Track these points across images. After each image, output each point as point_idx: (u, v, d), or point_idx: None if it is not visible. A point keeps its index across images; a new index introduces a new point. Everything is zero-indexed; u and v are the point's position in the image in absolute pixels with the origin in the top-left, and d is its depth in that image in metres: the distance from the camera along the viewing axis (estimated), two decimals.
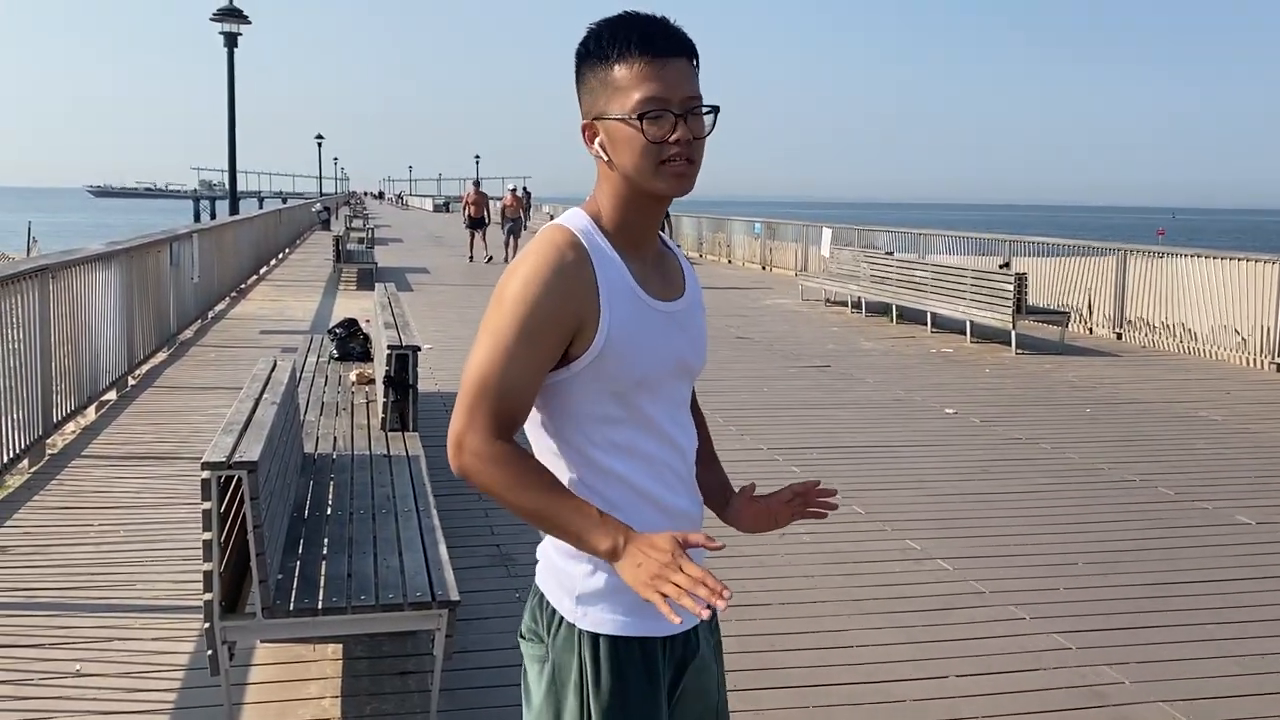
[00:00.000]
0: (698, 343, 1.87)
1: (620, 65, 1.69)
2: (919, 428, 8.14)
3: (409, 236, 37.30)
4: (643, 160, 1.69)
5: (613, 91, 1.70)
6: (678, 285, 1.86)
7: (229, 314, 14.46)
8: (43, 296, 6.94)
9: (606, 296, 1.70)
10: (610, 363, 1.71)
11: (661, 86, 1.68)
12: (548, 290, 1.67)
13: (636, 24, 1.71)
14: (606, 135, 1.72)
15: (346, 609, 3.38)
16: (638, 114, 1.68)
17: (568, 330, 1.68)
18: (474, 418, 1.68)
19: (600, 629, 1.75)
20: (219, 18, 20.84)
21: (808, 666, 3.99)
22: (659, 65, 1.68)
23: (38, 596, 4.50)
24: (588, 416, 1.74)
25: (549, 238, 1.73)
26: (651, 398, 1.76)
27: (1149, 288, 13.36)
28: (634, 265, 1.77)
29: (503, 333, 1.67)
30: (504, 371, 1.67)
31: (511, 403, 1.68)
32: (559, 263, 1.68)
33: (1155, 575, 5.01)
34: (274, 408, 3.98)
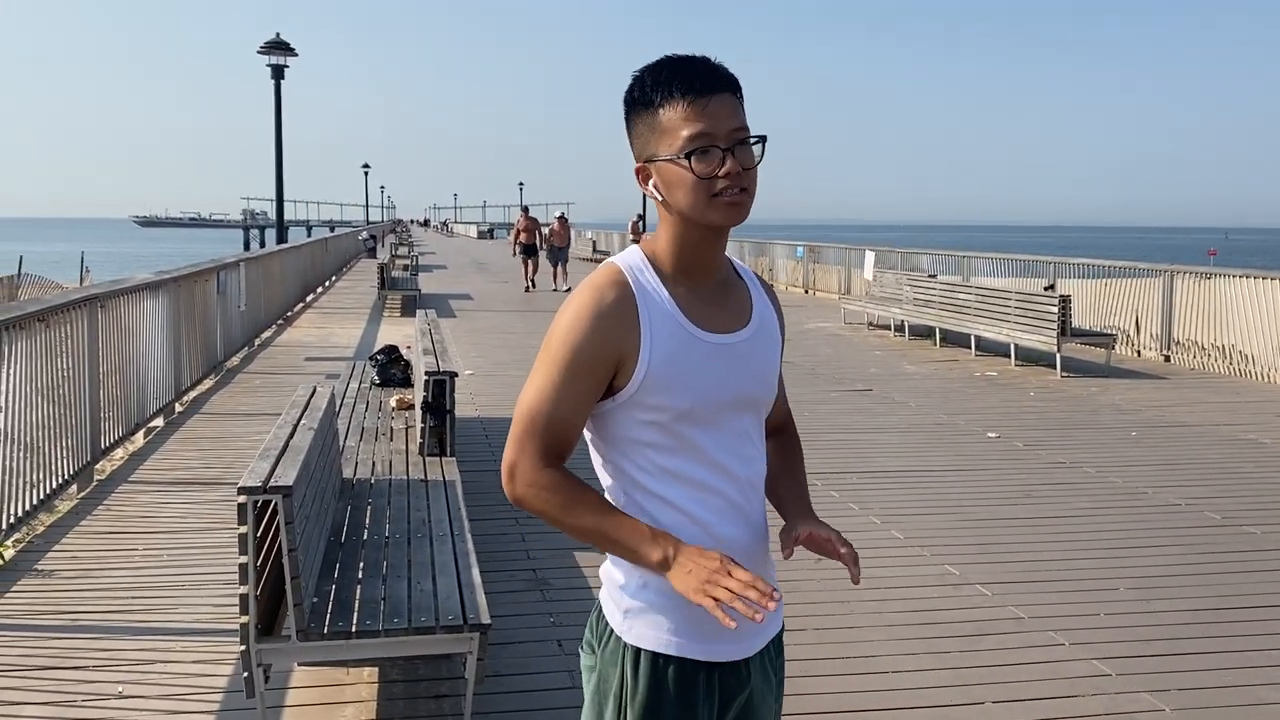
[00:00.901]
0: (762, 373, 1.89)
1: (665, 108, 1.76)
2: (960, 451, 8.07)
3: (453, 263, 37.65)
4: (695, 196, 1.75)
5: (660, 134, 1.77)
6: (742, 317, 1.89)
7: (275, 341, 14.66)
8: (92, 325, 7.10)
9: (648, 331, 1.77)
10: (652, 395, 1.77)
11: (706, 123, 1.74)
12: (588, 331, 1.77)
13: (677, 66, 1.77)
14: (659, 176, 1.79)
15: (379, 632, 3.42)
16: (685, 153, 1.74)
17: (609, 366, 1.77)
18: (524, 448, 1.79)
19: (643, 644, 1.81)
20: (266, 50, 21.24)
21: (844, 692, 3.97)
22: (702, 103, 1.74)
23: (82, 619, 4.58)
24: (634, 443, 1.81)
25: (594, 279, 1.83)
26: (702, 428, 1.80)
27: (1198, 309, 13.17)
28: (687, 300, 1.82)
29: (549, 371, 1.79)
30: (551, 407, 1.78)
31: (558, 435, 1.79)
32: (599, 303, 1.78)
33: (1199, 602, 4.93)
34: (311, 433, 4.04)
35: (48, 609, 4.69)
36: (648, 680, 1.80)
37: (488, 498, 6.39)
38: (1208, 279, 13.41)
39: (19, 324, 5.80)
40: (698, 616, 1.77)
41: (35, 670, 4.05)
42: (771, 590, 1.61)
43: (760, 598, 1.60)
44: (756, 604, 1.60)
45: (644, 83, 1.79)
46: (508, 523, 5.96)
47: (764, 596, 1.60)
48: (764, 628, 1.89)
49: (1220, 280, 13.23)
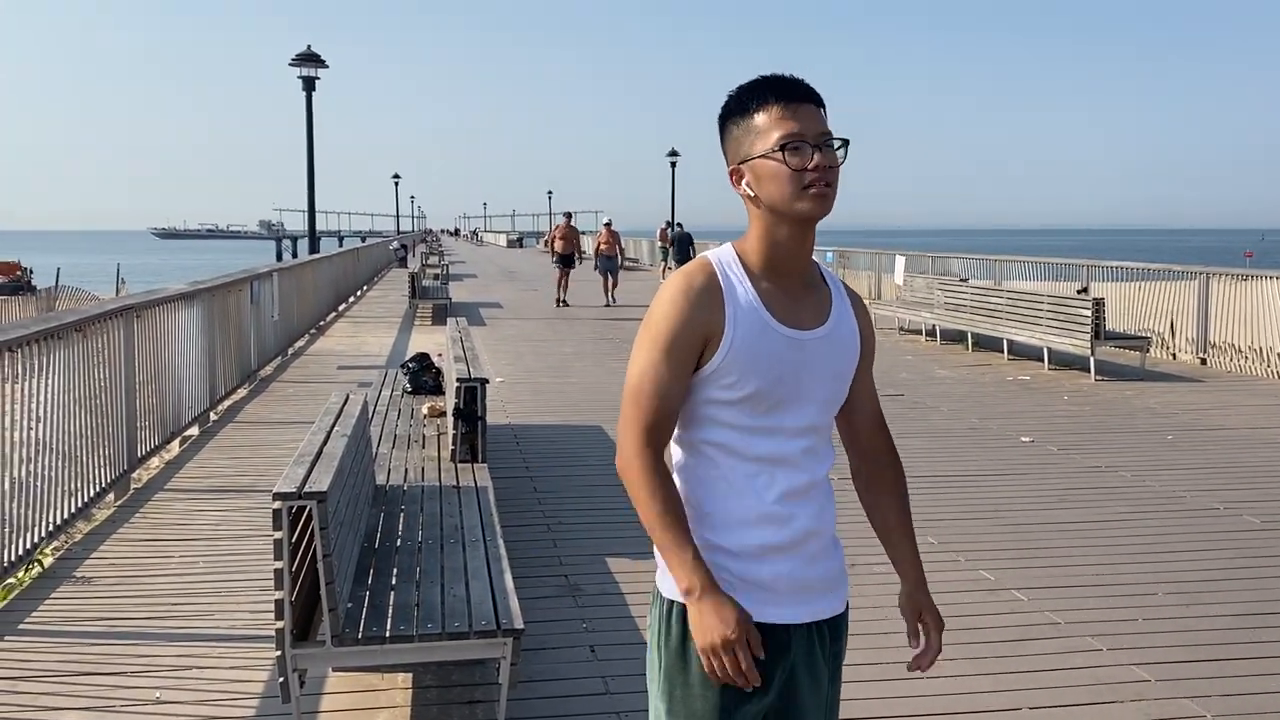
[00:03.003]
0: (835, 370, 2.04)
1: (760, 113, 1.96)
2: (994, 456, 8.01)
3: (483, 272, 37.80)
4: (788, 188, 1.93)
5: (755, 135, 1.97)
6: (820, 316, 2.04)
7: (308, 350, 14.76)
8: (128, 335, 7.17)
9: (732, 316, 1.96)
10: (728, 375, 1.95)
11: (798, 125, 1.94)
12: (677, 311, 1.96)
13: (771, 80, 1.98)
14: (752, 174, 1.98)
15: (413, 637, 3.42)
16: (779, 146, 1.93)
17: (698, 342, 1.96)
18: (630, 422, 1.98)
19: (673, 595, 1.98)
20: (298, 62, 21.41)
21: (878, 698, 3.94)
22: (794, 109, 1.95)
23: (120, 626, 4.63)
24: (707, 418, 1.99)
25: (686, 268, 2.02)
26: (769, 412, 1.97)
27: (1235, 311, 13.00)
28: (771, 293, 2.00)
29: (648, 349, 1.97)
30: (651, 382, 1.96)
31: (660, 408, 1.96)
32: (687, 287, 1.97)
33: (1240, 606, 4.86)
34: (344, 440, 4.07)
35: (86, 615, 4.74)
36: (679, 628, 1.96)
37: (519, 504, 6.41)
38: (1244, 280, 13.25)
39: (57, 334, 5.87)
40: (729, 576, 1.95)
41: (74, 676, 4.09)
42: (754, 684, 1.89)
43: (742, 684, 1.88)
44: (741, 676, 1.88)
45: (741, 96, 1.99)
46: (539, 529, 5.97)
47: (746, 683, 1.88)
48: (803, 604, 2.01)
49: (1257, 282, 13.06)
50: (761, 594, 1.96)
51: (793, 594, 1.99)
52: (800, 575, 2.00)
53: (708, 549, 1.96)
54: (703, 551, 1.94)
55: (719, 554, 1.96)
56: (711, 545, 1.97)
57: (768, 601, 1.97)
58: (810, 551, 2.01)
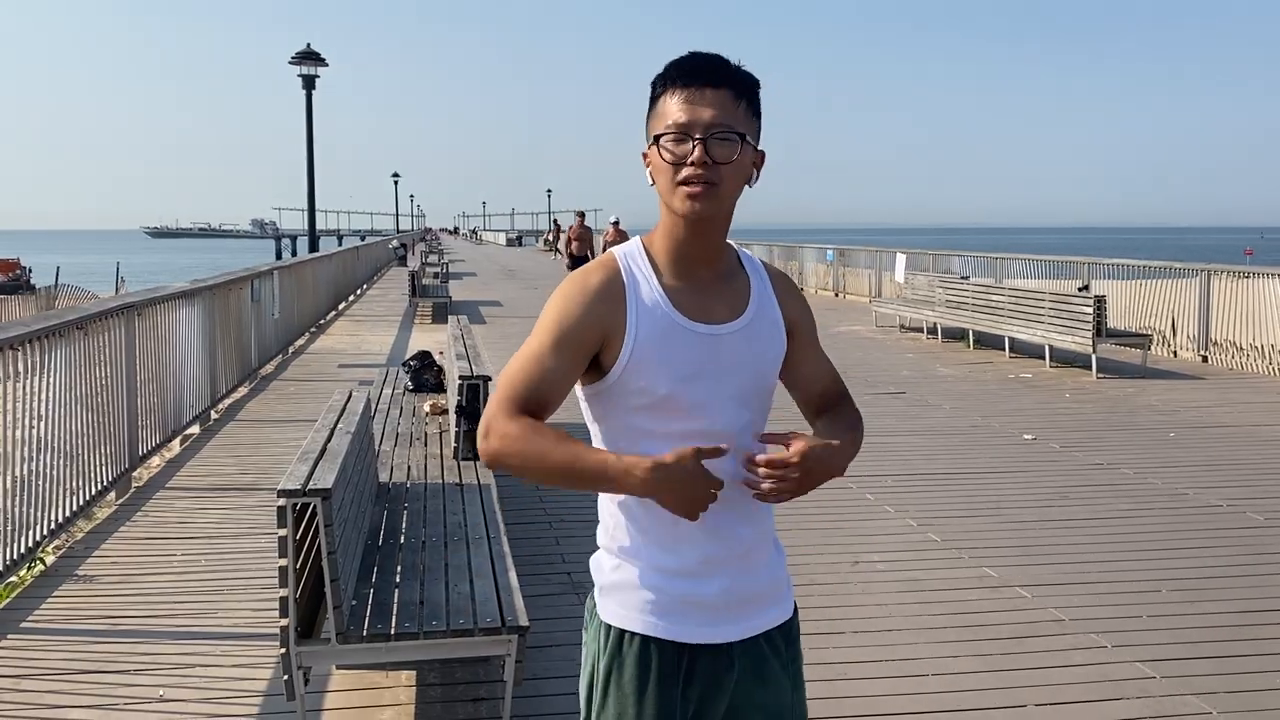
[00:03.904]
0: (755, 364, 1.90)
1: (664, 96, 1.82)
2: (996, 454, 8.00)
3: (483, 271, 37.78)
4: (666, 180, 1.81)
5: (656, 119, 1.83)
6: (736, 308, 1.89)
7: (309, 349, 14.75)
8: (129, 333, 7.16)
9: (634, 315, 1.83)
10: (636, 378, 1.82)
11: (689, 112, 1.78)
12: (573, 306, 1.83)
13: (689, 60, 1.83)
14: (651, 160, 1.85)
15: (418, 634, 3.42)
16: (658, 135, 1.80)
17: (591, 342, 1.82)
18: (500, 408, 1.81)
19: (612, 620, 1.89)
20: (298, 60, 21.40)
21: (882, 695, 3.93)
22: (695, 94, 1.78)
23: (123, 624, 4.62)
24: (626, 427, 1.86)
25: (589, 263, 1.91)
26: (687, 415, 1.83)
27: (1235, 309, 13.00)
28: (676, 289, 1.86)
29: (533, 341, 1.85)
30: (529, 373, 1.82)
31: (535, 399, 1.81)
32: (586, 283, 1.85)
33: (1243, 603, 4.86)
34: (348, 437, 4.06)
35: (88, 614, 4.73)
36: (613, 655, 1.87)
37: (522, 501, 6.39)
38: (1245, 278, 13.25)
39: (58, 332, 5.86)
40: (668, 598, 1.85)
41: (77, 675, 4.08)
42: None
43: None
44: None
45: (659, 74, 1.85)
46: (542, 526, 5.96)
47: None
48: (747, 617, 1.90)
49: (1258, 280, 13.06)
50: (706, 613, 1.86)
51: (739, 607, 1.88)
52: (745, 588, 1.89)
53: (649, 570, 1.86)
54: (644, 575, 1.85)
55: (660, 575, 1.85)
56: (654, 566, 1.86)
57: (713, 620, 1.86)
58: (754, 561, 1.90)
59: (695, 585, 1.85)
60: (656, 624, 1.86)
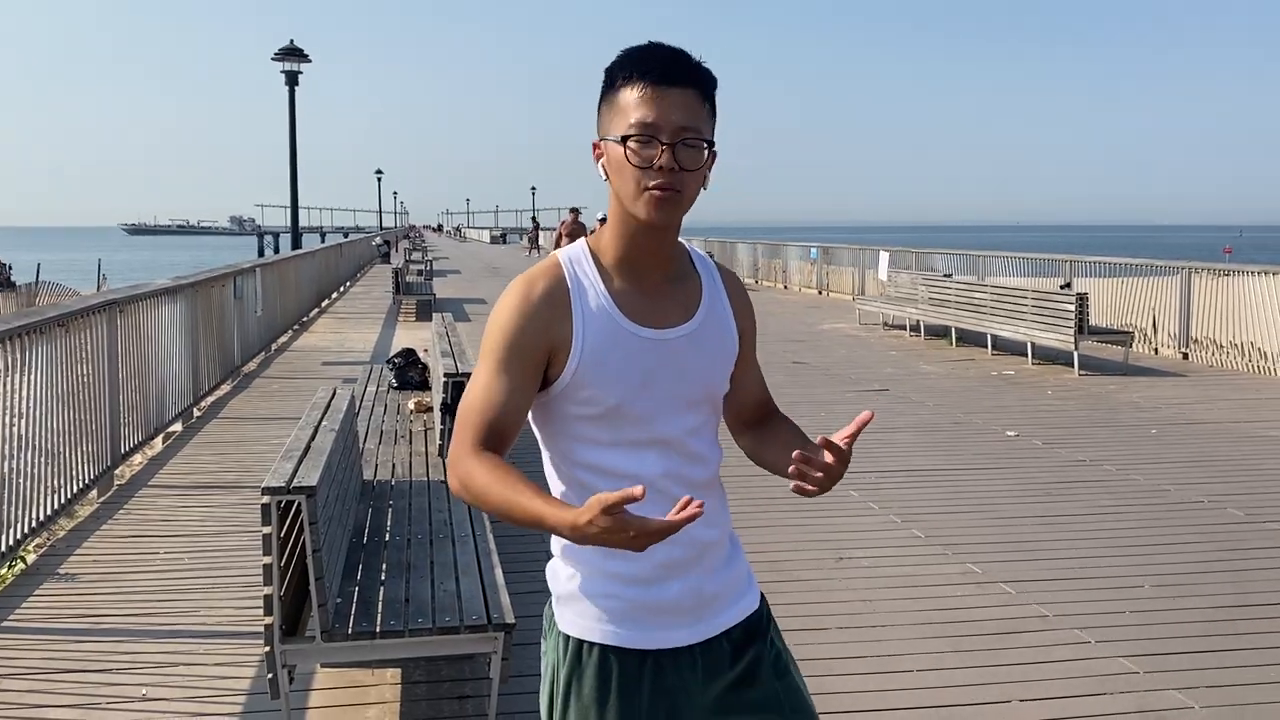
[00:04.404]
0: (704, 369, 1.84)
1: (625, 89, 1.73)
2: (980, 450, 8.04)
3: (466, 268, 37.71)
4: (628, 183, 1.72)
5: (615, 113, 1.74)
6: (686, 311, 1.84)
7: (291, 346, 14.69)
8: (110, 331, 7.12)
9: (580, 323, 1.76)
10: (583, 387, 1.76)
11: (656, 113, 1.69)
12: (515, 322, 1.76)
13: (650, 52, 1.74)
14: (607, 156, 1.76)
15: (404, 632, 3.41)
16: (625, 136, 1.71)
17: (540, 355, 1.76)
18: (462, 441, 1.76)
19: (570, 631, 1.85)
20: (281, 56, 21.30)
21: (867, 691, 3.94)
22: (660, 92, 1.70)
23: (105, 623, 4.59)
24: (571, 436, 1.81)
25: (530, 270, 1.83)
26: (640, 424, 1.77)
27: (1216, 306, 13.09)
28: (624, 292, 1.79)
29: (484, 364, 1.78)
30: (486, 399, 1.76)
31: (496, 426, 1.75)
32: (527, 294, 1.77)
33: (1224, 598, 4.89)
34: (333, 435, 4.04)
35: (70, 613, 4.70)
36: (572, 665, 1.83)
37: None
38: (1225, 276, 13.34)
39: (39, 329, 5.82)
40: (626, 605, 1.81)
41: (59, 674, 4.05)
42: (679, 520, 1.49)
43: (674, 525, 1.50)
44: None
45: (619, 62, 1.75)
46: None
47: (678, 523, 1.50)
48: (708, 618, 1.85)
49: (1238, 277, 13.16)
50: (665, 618, 1.81)
51: (699, 609, 1.84)
52: (704, 589, 1.84)
53: (605, 578, 1.81)
54: (601, 582, 1.81)
55: (617, 582, 1.80)
56: (609, 573, 1.80)
57: (673, 624, 1.82)
58: (712, 562, 1.86)
59: (652, 591, 1.81)
60: (615, 632, 1.81)
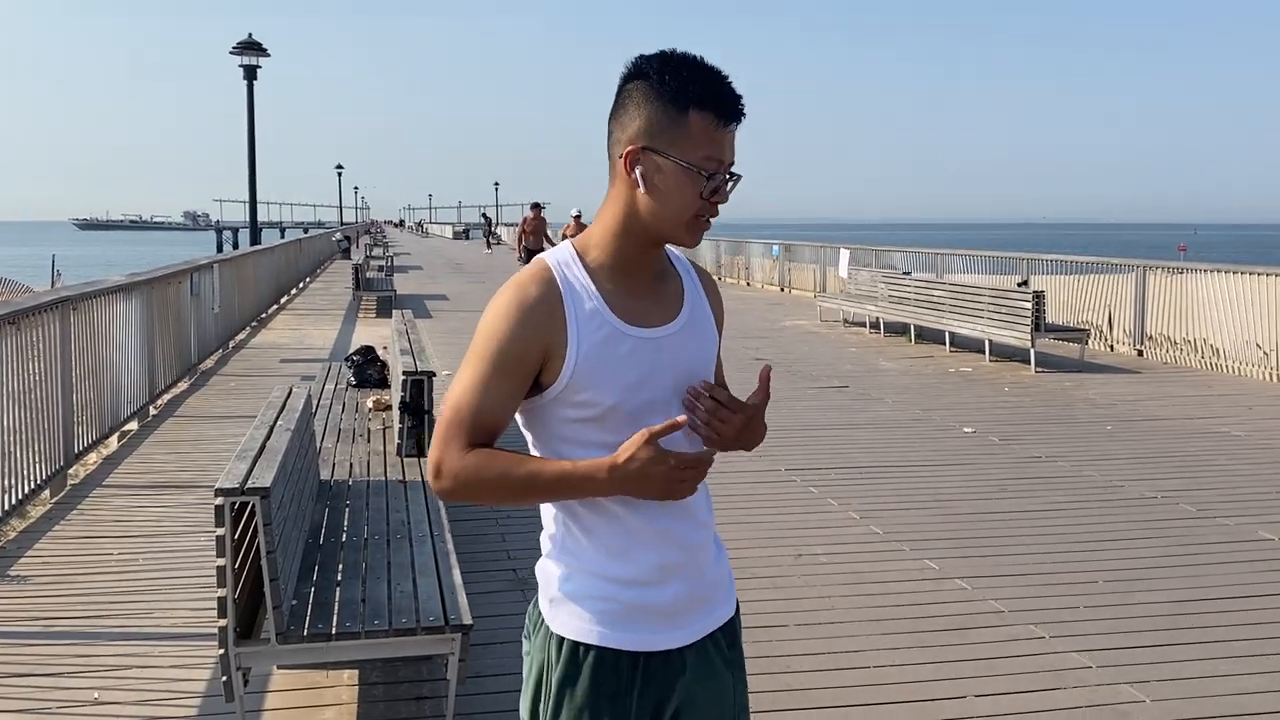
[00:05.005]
0: (692, 366, 1.87)
1: (696, 114, 1.74)
2: (937, 447, 8.10)
3: (429, 264, 37.51)
4: (682, 211, 1.76)
5: (682, 133, 1.74)
6: (672, 310, 1.87)
7: (250, 343, 14.55)
8: (64, 328, 7.01)
9: (574, 327, 1.77)
10: (579, 391, 1.77)
11: (725, 152, 1.76)
12: (513, 326, 1.75)
13: (715, 81, 1.76)
14: (658, 170, 1.76)
15: (360, 634, 3.39)
16: (701, 168, 1.74)
17: (534, 362, 1.76)
18: (449, 443, 1.76)
19: (564, 632, 1.84)
20: (239, 50, 21.06)
21: (826, 687, 3.96)
22: (727, 129, 1.76)
23: (56, 626, 4.52)
24: (567, 439, 1.81)
25: (519, 274, 1.82)
26: (634, 423, 1.78)
27: (1170, 304, 13.28)
28: (614, 294, 1.81)
29: (474, 367, 1.77)
30: (476, 403, 1.76)
31: (484, 430, 1.77)
32: (522, 299, 1.77)
33: (1177, 593, 4.96)
34: (289, 434, 4.01)
35: (21, 615, 4.62)
36: (567, 667, 1.82)
37: None
38: (1179, 274, 13.54)
39: None
40: (621, 607, 1.82)
41: (8, 678, 3.99)
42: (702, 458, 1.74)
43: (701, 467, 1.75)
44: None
45: (678, 74, 1.74)
46: (487, 523, 5.93)
47: (700, 465, 1.75)
48: (698, 620, 1.89)
49: (1191, 275, 13.35)
50: (659, 620, 1.83)
51: (691, 610, 1.87)
52: (696, 591, 1.87)
53: (602, 580, 1.82)
54: (596, 584, 1.82)
55: (613, 584, 1.81)
56: (606, 575, 1.82)
57: (667, 626, 1.84)
58: (702, 563, 1.89)
59: (649, 593, 1.83)
60: (610, 634, 1.82)
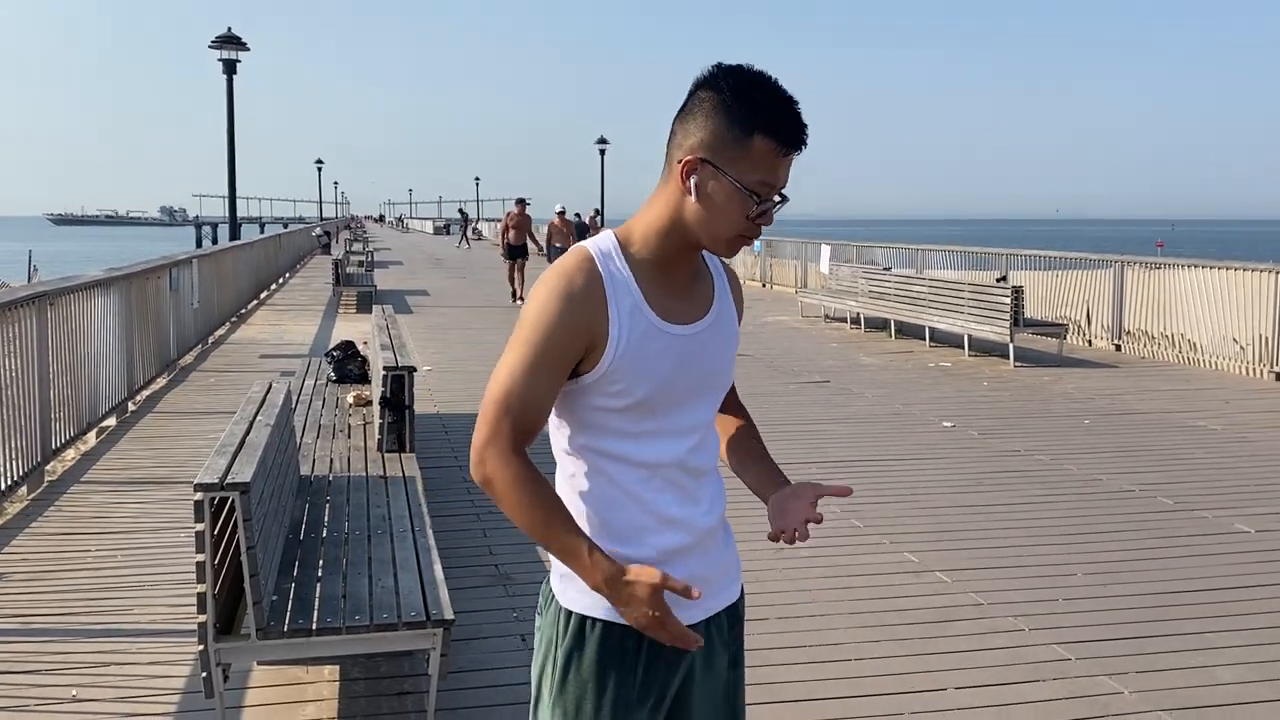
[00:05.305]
0: (716, 364, 1.94)
1: (760, 138, 1.77)
2: (917, 441, 8.14)
3: (409, 259, 37.38)
4: (727, 226, 1.81)
5: (743, 155, 1.78)
6: (702, 308, 1.93)
7: (229, 339, 14.48)
8: (41, 323, 6.96)
9: (616, 319, 1.81)
10: (614, 382, 1.82)
11: (780, 177, 1.80)
12: (556, 314, 1.78)
13: (783, 108, 1.79)
14: (712, 184, 1.79)
15: (341, 629, 3.38)
16: (755, 192, 1.78)
17: (579, 349, 1.80)
18: (497, 430, 1.80)
19: (573, 608, 1.89)
20: (218, 44, 20.93)
21: (806, 680, 3.98)
22: (785, 157, 1.79)
23: (34, 623, 4.49)
24: (591, 425, 1.86)
25: (564, 262, 1.85)
26: (656, 415, 1.85)
27: (1148, 299, 13.37)
28: (653, 289, 1.86)
29: (521, 352, 1.80)
30: (523, 389, 1.80)
31: (530, 416, 1.81)
32: (569, 288, 1.80)
33: (1155, 585, 5.01)
34: (268, 429, 3.99)
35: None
36: (574, 641, 1.88)
37: (448, 493, 6.35)
38: (1156, 269, 13.63)
39: None
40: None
41: None
42: (694, 640, 1.80)
43: (687, 645, 1.80)
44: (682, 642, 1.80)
45: (753, 97, 1.77)
46: (469, 519, 5.93)
47: (688, 645, 1.80)
48: (708, 595, 1.94)
49: (1169, 271, 13.45)
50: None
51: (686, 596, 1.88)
52: (703, 573, 1.92)
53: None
54: None
55: (620, 561, 1.85)
56: (614, 555, 1.84)
57: (671, 606, 1.85)
58: (709, 548, 1.95)
59: None
60: (616, 610, 1.85)
